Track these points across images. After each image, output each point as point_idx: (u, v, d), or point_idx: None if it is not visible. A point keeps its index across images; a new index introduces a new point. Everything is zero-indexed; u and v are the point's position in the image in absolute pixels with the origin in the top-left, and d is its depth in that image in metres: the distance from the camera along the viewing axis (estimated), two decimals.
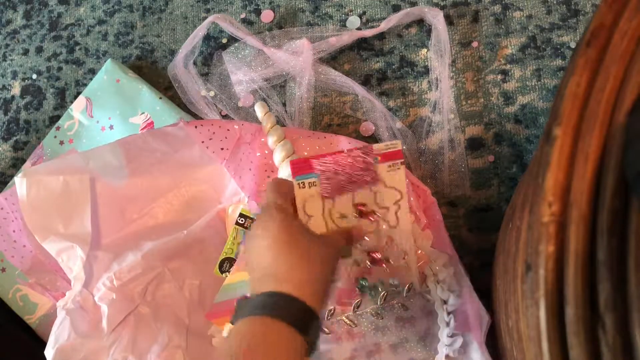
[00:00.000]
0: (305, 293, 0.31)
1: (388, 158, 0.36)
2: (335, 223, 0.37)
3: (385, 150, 0.36)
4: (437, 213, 0.42)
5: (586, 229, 0.22)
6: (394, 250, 0.39)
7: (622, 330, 0.20)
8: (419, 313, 0.42)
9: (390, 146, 0.36)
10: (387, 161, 0.36)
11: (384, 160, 0.36)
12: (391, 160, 0.36)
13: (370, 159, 0.36)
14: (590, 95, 0.23)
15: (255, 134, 0.46)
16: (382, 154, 0.36)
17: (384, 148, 0.36)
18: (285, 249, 0.32)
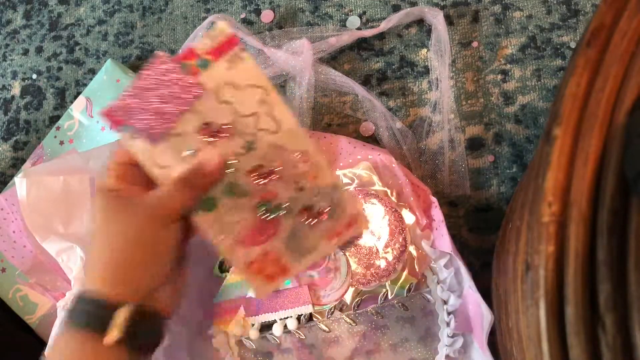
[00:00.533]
0: (115, 286, 0.27)
1: (221, 52, 0.29)
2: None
3: (213, 44, 0.29)
4: (438, 213, 0.42)
5: (586, 229, 0.22)
6: (290, 158, 0.32)
7: (622, 330, 0.20)
8: (419, 313, 0.42)
9: (217, 34, 0.29)
10: (222, 56, 0.29)
11: (217, 57, 0.29)
12: (226, 53, 0.29)
13: (190, 68, 0.29)
14: (590, 95, 0.23)
15: None
16: (211, 50, 0.29)
17: (210, 43, 0.29)
18: (96, 237, 0.28)
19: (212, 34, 0.29)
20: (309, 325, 0.42)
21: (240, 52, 0.29)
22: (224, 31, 0.29)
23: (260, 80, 0.30)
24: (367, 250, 0.42)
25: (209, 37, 0.29)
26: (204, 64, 0.29)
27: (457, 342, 0.40)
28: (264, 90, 0.30)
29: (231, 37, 0.29)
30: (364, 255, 0.42)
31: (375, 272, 0.42)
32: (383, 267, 0.42)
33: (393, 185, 0.43)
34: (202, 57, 0.29)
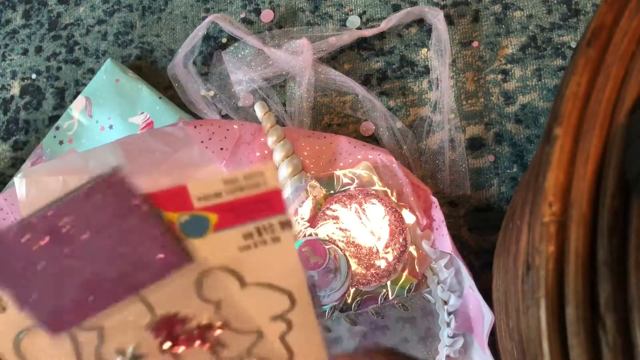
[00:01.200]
0: None
1: (243, 214, 0.19)
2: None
3: (234, 195, 0.18)
4: (438, 213, 0.42)
5: (587, 229, 0.22)
6: None
7: (623, 331, 0.20)
8: (420, 313, 0.42)
9: (254, 174, 0.18)
10: (241, 221, 0.19)
11: (231, 222, 0.19)
12: (253, 219, 0.19)
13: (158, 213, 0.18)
14: (591, 95, 0.23)
15: (254, 134, 0.45)
16: (226, 205, 0.18)
17: (203, 186, 0.18)
18: None
19: (249, 172, 0.18)
20: None
21: (278, 226, 0.19)
22: (268, 175, 0.18)
23: (292, 280, 0.20)
24: (367, 250, 0.42)
25: (239, 176, 0.18)
26: (197, 225, 0.19)
27: (458, 342, 0.40)
28: (289, 299, 0.20)
29: (276, 191, 0.19)
30: (364, 255, 0.42)
31: (375, 273, 0.42)
32: (383, 268, 0.42)
33: (393, 185, 0.43)
34: (197, 213, 0.18)
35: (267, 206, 0.19)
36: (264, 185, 0.19)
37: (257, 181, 0.19)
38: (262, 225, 0.20)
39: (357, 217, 0.42)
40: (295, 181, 0.43)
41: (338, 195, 0.43)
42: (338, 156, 0.45)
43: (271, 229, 0.20)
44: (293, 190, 0.43)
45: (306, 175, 0.44)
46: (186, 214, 0.19)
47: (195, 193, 0.19)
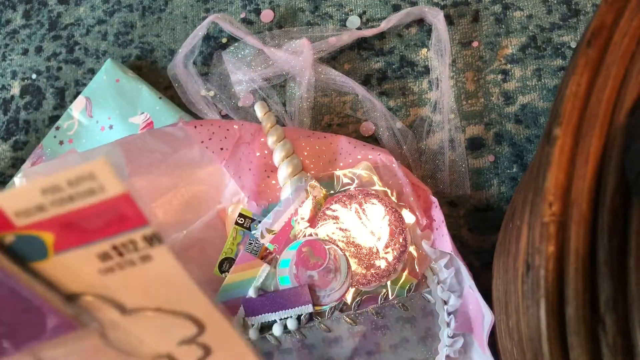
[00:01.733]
0: None
1: (76, 228, 0.15)
2: None
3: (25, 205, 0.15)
4: (438, 213, 0.42)
5: (586, 229, 0.22)
6: None
7: (623, 330, 0.20)
8: (420, 313, 0.42)
9: (87, 174, 0.15)
10: (81, 240, 0.16)
11: (67, 243, 0.16)
12: (102, 236, 0.16)
13: None
14: (591, 95, 0.23)
15: (255, 134, 0.45)
16: (37, 224, 0.15)
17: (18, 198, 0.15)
18: None
19: (72, 175, 0.15)
20: (309, 325, 0.42)
21: (143, 242, 0.16)
22: (101, 177, 0.15)
23: (191, 303, 0.17)
24: (367, 250, 0.42)
25: (60, 182, 0.15)
26: (31, 246, 0.15)
27: (458, 342, 0.40)
28: (193, 324, 0.18)
29: (121, 197, 0.15)
30: (364, 255, 0.42)
31: (375, 273, 0.42)
32: (383, 268, 0.42)
33: (393, 185, 0.43)
34: (22, 232, 0.15)
35: (116, 218, 0.15)
36: (100, 191, 0.15)
37: (88, 187, 0.15)
38: (120, 242, 0.16)
39: (357, 217, 0.42)
40: (295, 181, 0.43)
41: (338, 195, 0.43)
42: (338, 156, 0.45)
43: (134, 246, 0.16)
44: (293, 190, 0.43)
45: (306, 175, 0.44)
46: (9, 233, 0.15)
47: (10, 207, 0.15)
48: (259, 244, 0.43)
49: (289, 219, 0.43)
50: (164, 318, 0.17)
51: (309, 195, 0.43)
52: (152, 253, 0.16)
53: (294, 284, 0.42)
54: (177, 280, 0.16)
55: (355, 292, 0.42)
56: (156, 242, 0.16)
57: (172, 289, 0.17)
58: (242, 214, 0.45)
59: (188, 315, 0.17)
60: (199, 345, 0.18)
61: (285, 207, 0.43)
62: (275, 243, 0.43)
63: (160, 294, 0.17)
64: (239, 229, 0.45)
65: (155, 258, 0.16)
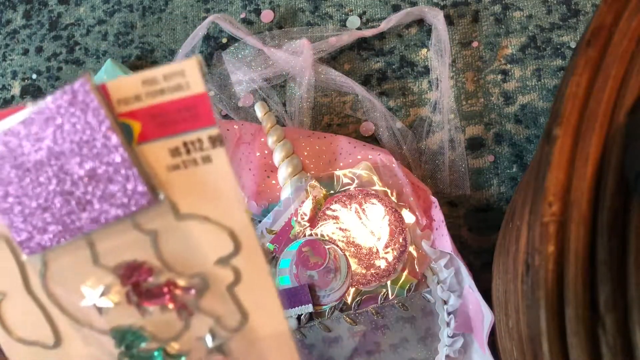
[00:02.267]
0: None
1: (160, 120, 0.17)
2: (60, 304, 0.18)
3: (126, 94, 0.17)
4: (438, 213, 0.42)
5: (586, 229, 0.22)
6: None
7: (623, 331, 0.20)
8: (419, 313, 0.42)
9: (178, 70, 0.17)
10: (162, 133, 0.18)
11: (150, 134, 0.17)
12: (178, 130, 0.18)
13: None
14: (591, 95, 0.23)
15: (255, 134, 0.45)
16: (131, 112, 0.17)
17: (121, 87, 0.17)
18: None
19: (168, 70, 0.17)
20: (309, 325, 0.42)
21: (208, 142, 0.17)
22: (189, 75, 0.16)
23: (233, 216, 0.17)
24: (367, 250, 0.42)
25: (158, 75, 0.17)
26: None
27: (458, 342, 0.40)
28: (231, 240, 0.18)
29: (201, 96, 0.17)
30: (364, 255, 0.42)
31: (375, 273, 0.42)
32: (383, 268, 0.42)
33: (393, 185, 0.43)
34: (119, 119, 0.17)
35: (192, 115, 0.17)
36: (186, 88, 0.17)
37: (178, 82, 0.17)
38: (190, 139, 0.17)
39: (357, 217, 0.42)
40: (295, 181, 0.43)
41: (338, 195, 0.43)
42: (338, 156, 0.45)
43: (200, 145, 0.17)
44: (293, 190, 0.43)
45: (306, 175, 0.44)
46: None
47: (115, 95, 0.17)
48: None
49: (289, 219, 0.43)
50: (209, 230, 0.18)
51: (309, 195, 0.43)
52: (213, 154, 0.17)
53: (294, 284, 0.42)
54: (227, 186, 0.17)
55: (355, 292, 0.42)
56: (218, 144, 0.17)
57: (221, 196, 0.18)
58: None
59: (230, 230, 0.18)
60: (232, 269, 0.19)
61: (285, 207, 0.43)
62: (275, 243, 0.43)
63: (210, 201, 0.18)
64: None
65: (214, 160, 0.17)
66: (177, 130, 0.17)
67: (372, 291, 0.42)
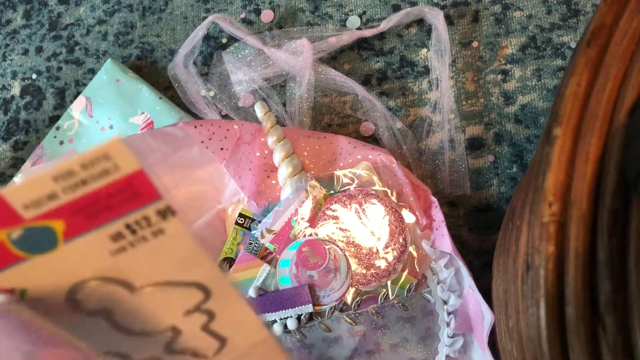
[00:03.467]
0: None
1: (89, 212, 0.16)
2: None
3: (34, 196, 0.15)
4: (438, 213, 0.42)
5: (586, 229, 0.22)
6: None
7: (623, 331, 0.20)
8: (419, 313, 0.42)
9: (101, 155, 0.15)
10: (93, 224, 0.16)
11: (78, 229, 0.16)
12: (115, 216, 0.16)
13: None
14: (591, 95, 0.23)
15: (255, 134, 0.45)
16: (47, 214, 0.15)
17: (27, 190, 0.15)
18: None
19: (88, 158, 0.14)
20: (309, 325, 0.42)
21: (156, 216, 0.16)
22: (117, 156, 0.15)
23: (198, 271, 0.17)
24: (367, 250, 0.42)
25: (74, 167, 0.14)
26: (39, 238, 0.15)
27: (458, 342, 0.40)
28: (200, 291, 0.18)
29: (135, 174, 0.15)
30: (364, 255, 0.42)
31: (375, 273, 0.42)
32: (383, 268, 0.42)
33: (393, 185, 0.43)
34: (31, 224, 0.15)
35: (130, 196, 0.15)
36: (115, 171, 0.15)
37: (103, 168, 0.15)
38: (134, 219, 0.16)
39: (357, 217, 0.42)
40: (295, 181, 0.43)
41: (338, 195, 0.43)
42: (338, 156, 0.45)
43: (147, 222, 0.16)
44: (293, 190, 0.43)
45: (306, 175, 0.44)
46: (17, 228, 0.15)
47: (19, 201, 0.15)
48: (259, 244, 0.43)
49: (289, 219, 0.43)
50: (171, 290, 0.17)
51: (309, 195, 0.43)
52: (165, 226, 0.16)
53: (294, 284, 0.42)
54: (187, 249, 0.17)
55: (355, 292, 0.42)
56: (169, 215, 0.16)
57: (182, 259, 0.17)
58: (242, 214, 0.45)
59: (196, 283, 0.17)
60: (202, 312, 0.19)
61: (285, 207, 0.43)
62: (275, 243, 0.43)
63: (169, 267, 0.17)
64: (239, 229, 0.45)
65: (168, 231, 0.16)
66: (113, 215, 0.15)
67: (372, 291, 0.42)
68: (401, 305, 0.42)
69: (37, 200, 0.15)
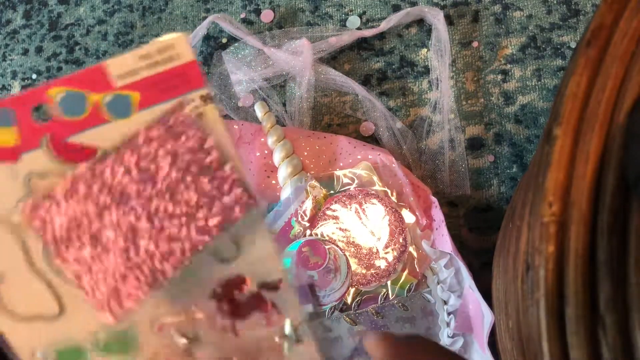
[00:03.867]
0: None
1: (157, 88, 0.20)
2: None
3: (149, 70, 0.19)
4: (438, 213, 0.42)
5: (586, 229, 0.22)
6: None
7: (623, 331, 0.20)
8: (419, 313, 0.42)
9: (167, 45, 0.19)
10: (159, 99, 0.20)
11: (152, 99, 0.20)
12: (173, 95, 0.20)
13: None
14: (591, 95, 0.23)
15: (254, 134, 0.45)
16: (143, 81, 0.19)
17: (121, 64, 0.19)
18: None
19: (160, 45, 0.19)
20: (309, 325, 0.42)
21: (200, 100, 0.20)
22: (179, 47, 0.19)
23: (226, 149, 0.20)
24: (367, 250, 0.42)
25: (152, 50, 0.19)
26: (121, 105, 0.19)
27: (458, 342, 0.40)
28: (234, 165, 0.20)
29: (190, 63, 0.19)
30: (364, 255, 0.42)
31: (375, 273, 0.42)
32: (383, 268, 0.42)
33: (393, 185, 0.43)
34: (119, 92, 0.19)
35: (184, 80, 0.20)
36: (177, 58, 0.19)
37: (170, 55, 0.19)
38: (185, 100, 0.20)
39: (357, 217, 0.42)
40: (295, 181, 0.43)
41: (338, 195, 0.43)
42: (338, 156, 0.45)
43: (193, 104, 0.20)
44: (293, 190, 0.43)
45: (306, 175, 0.44)
46: (109, 94, 0.19)
47: (115, 72, 0.19)
48: None
49: (289, 219, 0.43)
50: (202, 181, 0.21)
51: (309, 195, 0.43)
52: (204, 110, 0.20)
53: (294, 284, 0.42)
54: (221, 135, 0.20)
55: (355, 292, 0.42)
56: (209, 101, 0.20)
57: (218, 143, 0.20)
58: None
59: (224, 160, 0.21)
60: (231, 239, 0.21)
61: (285, 207, 0.43)
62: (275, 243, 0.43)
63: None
64: None
65: (206, 114, 0.20)
66: (172, 94, 0.19)
67: (372, 291, 0.42)
68: (401, 305, 0.42)
69: (125, 73, 0.19)
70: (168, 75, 0.19)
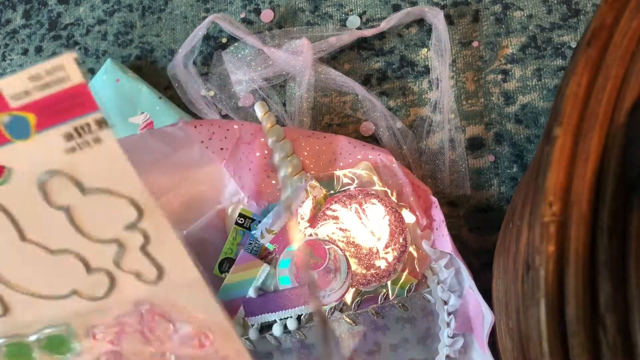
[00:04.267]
0: None
1: (50, 110, 0.19)
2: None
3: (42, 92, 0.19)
4: (438, 213, 0.42)
5: (587, 229, 0.22)
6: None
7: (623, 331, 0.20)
8: (420, 313, 0.42)
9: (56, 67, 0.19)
10: (53, 121, 0.19)
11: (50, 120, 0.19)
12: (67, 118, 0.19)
13: None
14: (591, 95, 0.23)
15: (254, 134, 0.45)
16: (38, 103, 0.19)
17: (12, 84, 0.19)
18: None
19: (49, 66, 0.19)
20: (309, 325, 0.42)
21: (95, 125, 0.19)
22: (68, 69, 0.19)
23: (129, 186, 0.20)
24: (367, 250, 0.42)
25: (41, 71, 0.18)
26: (19, 126, 0.19)
27: (458, 342, 0.40)
28: (134, 207, 0.20)
29: (81, 86, 0.19)
30: (364, 255, 0.42)
31: (375, 273, 0.42)
32: (383, 268, 0.42)
33: (393, 185, 0.43)
34: (15, 113, 0.19)
35: (78, 103, 0.19)
36: (67, 80, 0.19)
37: (59, 76, 0.19)
38: (79, 124, 0.20)
39: (357, 217, 0.42)
40: (295, 181, 0.43)
41: (338, 195, 0.43)
42: (338, 156, 0.45)
43: (89, 128, 0.20)
44: (293, 190, 0.43)
45: (306, 175, 0.44)
46: (6, 114, 0.19)
47: (7, 92, 0.19)
48: (259, 244, 0.43)
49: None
50: (111, 199, 0.21)
51: (309, 195, 0.43)
52: (101, 135, 0.20)
53: (294, 284, 0.42)
54: (118, 162, 0.20)
55: (355, 292, 0.42)
56: (104, 126, 0.20)
57: (115, 170, 0.20)
58: (242, 214, 0.45)
59: (130, 198, 0.21)
60: (140, 232, 0.21)
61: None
62: (275, 243, 0.43)
63: (107, 175, 0.21)
64: (239, 229, 0.45)
65: (103, 140, 0.20)
66: (66, 117, 0.19)
67: (372, 291, 0.42)
68: (401, 306, 0.42)
69: (19, 94, 0.19)
70: (60, 98, 0.19)
